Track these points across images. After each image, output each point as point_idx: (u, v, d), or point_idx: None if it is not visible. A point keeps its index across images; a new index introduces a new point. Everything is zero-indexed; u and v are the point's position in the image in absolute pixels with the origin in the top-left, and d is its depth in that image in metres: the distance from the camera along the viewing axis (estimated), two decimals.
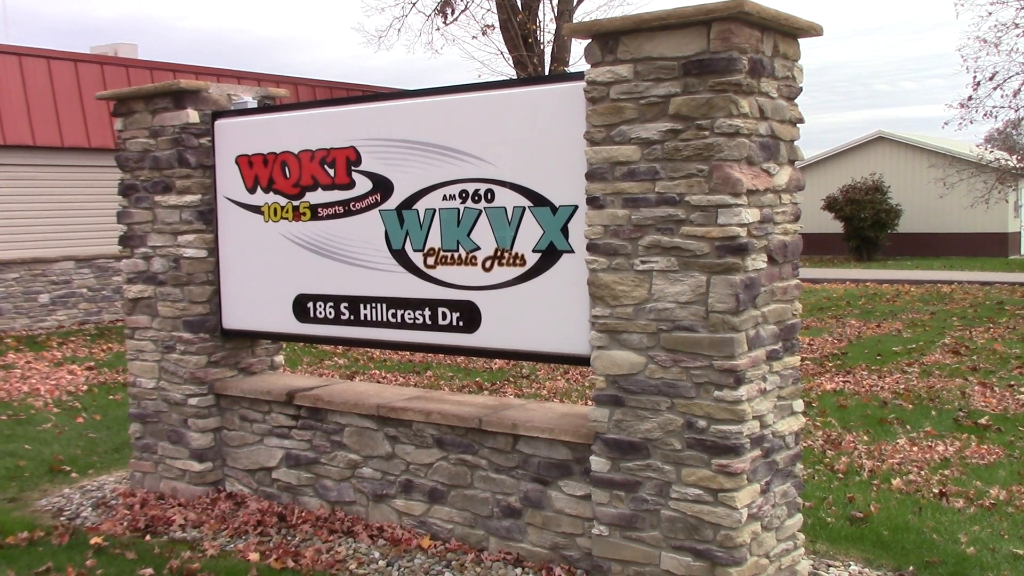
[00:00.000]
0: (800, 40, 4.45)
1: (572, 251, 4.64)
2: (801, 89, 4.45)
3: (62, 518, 6.03)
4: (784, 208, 4.34)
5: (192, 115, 6.01)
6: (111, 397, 10.11)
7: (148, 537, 5.55)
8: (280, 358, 6.60)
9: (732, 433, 4.09)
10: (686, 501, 4.23)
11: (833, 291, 20.36)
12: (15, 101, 15.99)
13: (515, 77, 19.26)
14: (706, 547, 4.19)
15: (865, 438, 7.67)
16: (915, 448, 7.31)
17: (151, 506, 6.06)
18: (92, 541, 5.42)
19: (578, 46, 21.17)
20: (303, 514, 5.70)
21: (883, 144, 34.86)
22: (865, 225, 31.04)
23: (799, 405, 4.57)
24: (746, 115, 4.04)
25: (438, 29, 22.90)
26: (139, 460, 6.48)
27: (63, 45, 28.06)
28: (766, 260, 4.21)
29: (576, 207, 4.59)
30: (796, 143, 4.47)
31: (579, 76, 4.52)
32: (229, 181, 6.03)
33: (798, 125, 4.47)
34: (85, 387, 10.72)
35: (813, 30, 4.40)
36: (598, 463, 4.48)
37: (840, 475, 6.63)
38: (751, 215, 4.06)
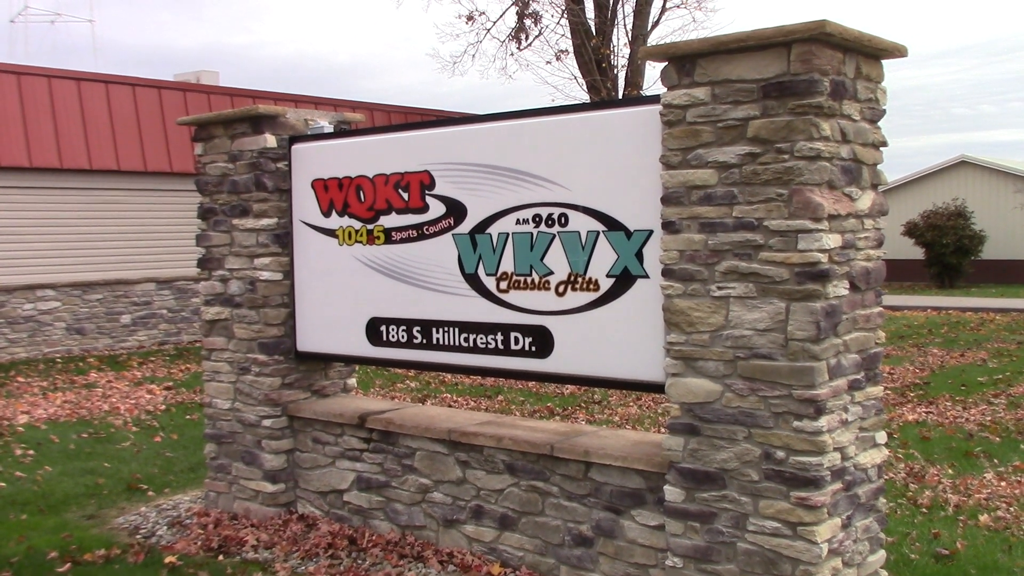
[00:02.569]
0: (884, 61, 4.34)
1: (647, 276, 4.57)
2: (884, 111, 4.34)
3: (138, 536, 6.11)
4: (867, 233, 4.22)
5: (270, 140, 6.10)
6: (188, 417, 10.27)
7: (221, 557, 5.59)
8: (353, 381, 6.63)
9: (812, 465, 3.96)
10: (764, 534, 4.11)
11: (914, 319, 19.85)
12: (102, 127, 16.48)
13: (592, 101, 19.26)
14: None
15: (950, 471, 7.41)
16: (1003, 483, 7.04)
17: (224, 526, 6.11)
18: (167, 560, 5.48)
19: (652, 70, 21.13)
20: (373, 538, 5.69)
21: (966, 168, 34.01)
22: (947, 251, 30.25)
23: (882, 437, 4.42)
24: (827, 138, 3.94)
25: (512, 55, 23.07)
26: (214, 480, 6.55)
27: (148, 73, 28.88)
28: (848, 287, 4.09)
29: (651, 232, 4.53)
30: (879, 167, 4.35)
31: (654, 99, 4.47)
32: (305, 205, 6.09)
33: (881, 148, 4.35)
34: (163, 407, 10.93)
35: (897, 51, 4.28)
36: (672, 493, 4.39)
37: (924, 510, 6.41)
38: (832, 240, 3.95)
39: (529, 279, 5.03)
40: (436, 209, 5.41)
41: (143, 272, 17.07)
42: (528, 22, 21.75)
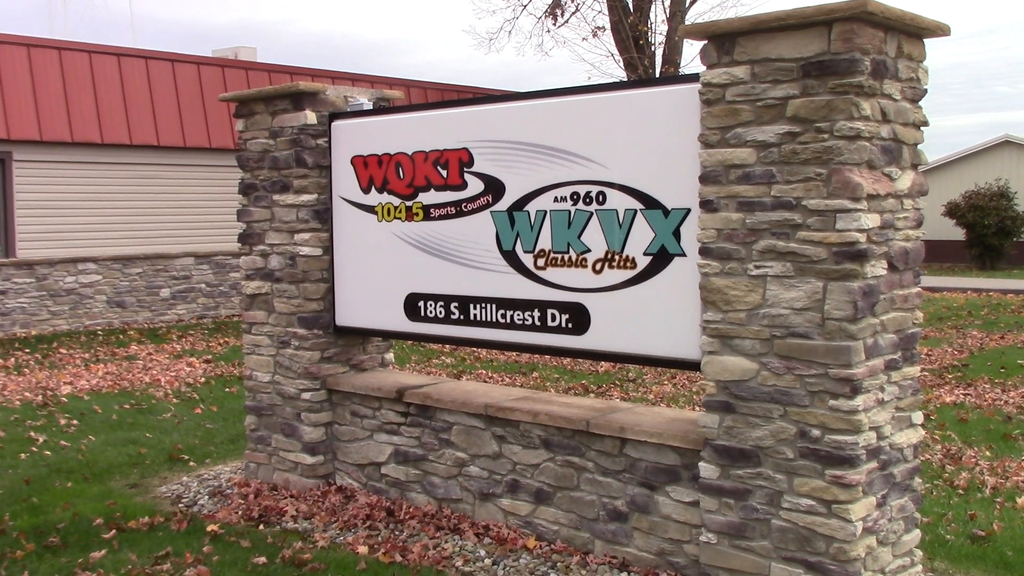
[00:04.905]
0: (926, 40, 4.31)
1: (684, 255, 4.59)
2: (926, 91, 4.31)
3: (180, 505, 6.25)
4: (906, 213, 4.21)
5: (310, 116, 6.16)
6: (227, 389, 10.43)
7: (261, 526, 5.71)
8: (391, 355, 6.71)
9: (847, 444, 3.98)
10: (798, 512, 4.14)
11: (953, 300, 19.65)
12: (142, 103, 16.66)
13: (631, 79, 19.16)
14: (818, 559, 4.09)
15: (987, 453, 7.38)
16: None
17: (264, 496, 6.23)
18: (209, 528, 5.60)
19: (690, 48, 20.96)
20: (411, 510, 5.78)
21: (1009, 148, 33.46)
22: (989, 232, 29.83)
23: (918, 417, 4.42)
24: (867, 118, 3.93)
25: (548, 31, 23.00)
26: (254, 451, 6.67)
27: (184, 48, 29.14)
28: (886, 267, 4.09)
29: (689, 210, 4.54)
30: (920, 147, 4.33)
31: (693, 78, 4.47)
32: (344, 181, 6.16)
33: (922, 128, 4.33)
34: (203, 379, 11.10)
35: (940, 30, 4.25)
36: (707, 470, 4.42)
37: (960, 491, 6.39)
38: (871, 220, 3.95)
39: (566, 256, 5.07)
40: (475, 186, 5.45)
41: (182, 246, 17.29)
42: None
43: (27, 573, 4.99)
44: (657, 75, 19.59)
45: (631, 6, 20.53)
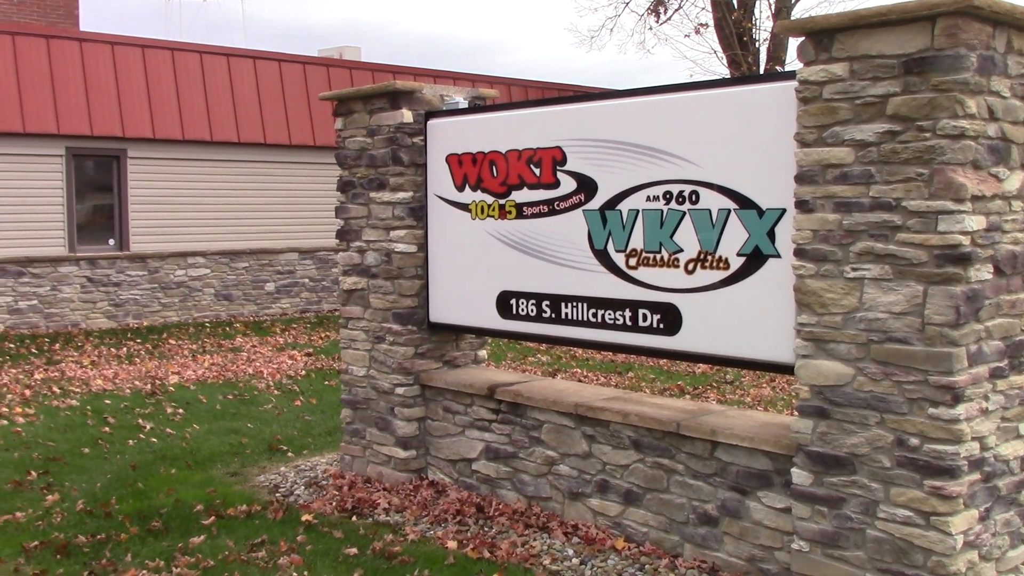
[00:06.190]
0: None
1: (778, 256, 4.50)
2: None
3: (277, 494, 6.41)
4: (1015, 215, 4.04)
5: (406, 115, 6.24)
6: (326, 383, 10.65)
7: (354, 518, 5.81)
8: (484, 352, 6.75)
9: (948, 454, 3.85)
10: (894, 522, 4.02)
11: None
12: (249, 101, 17.12)
13: (725, 77, 18.87)
14: (915, 573, 3.97)
15: None
16: None
17: (358, 488, 6.34)
18: (303, 518, 5.72)
19: (795, 44, 20.51)
20: (500, 506, 5.81)
21: None
22: None
23: None
24: (973, 116, 3.78)
25: (650, 28, 22.83)
26: (349, 444, 6.80)
27: (290, 48, 29.84)
28: (992, 271, 3.93)
29: (784, 210, 4.45)
30: None
31: (790, 76, 4.38)
32: (439, 179, 6.22)
33: None
34: (303, 372, 11.35)
35: None
36: (800, 476, 4.33)
37: None
38: (975, 222, 3.81)
39: (658, 256, 5.02)
40: (567, 185, 5.44)
41: (287, 242, 17.71)
42: None
43: (130, 555, 5.18)
44: (761, 72, 19.24)
45: (735, 2, 20.20)
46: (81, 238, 15.53)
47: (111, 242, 15.89)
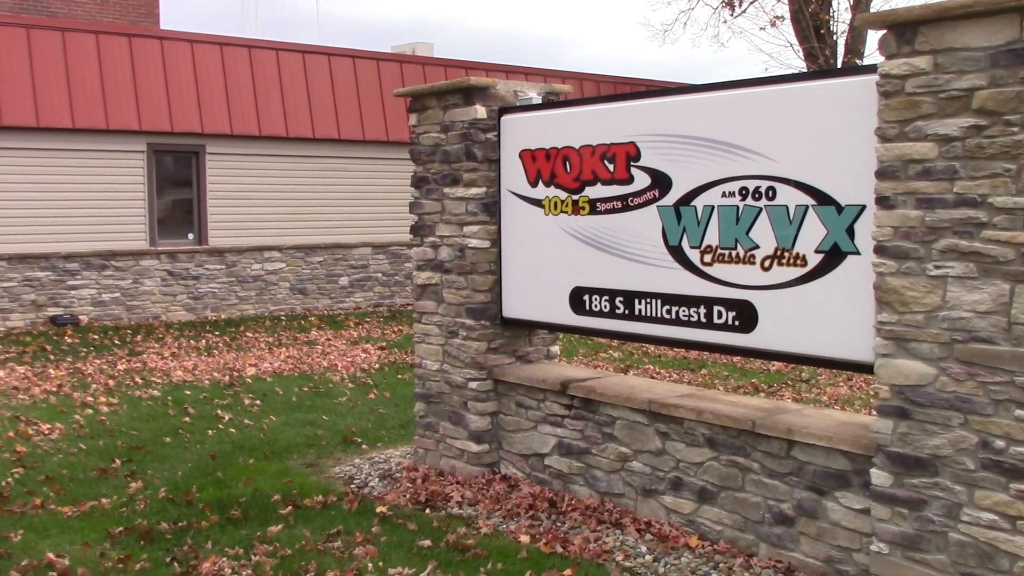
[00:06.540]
0: None
1: (858, 252, 4.42)
2: None
3: (352, 485, 6.50)
4: None
5: (480, 111, 6.27)
6: (399, 376, 10.76)
7: (428, 510, 5.87)
8: (556, 348, 6.76)
9: None
10: (978, 526, 3.93)
11: None
12: (324, 97, 17.36)
13: (802, 71, 18.58)
14: None
15: None
16: None
17: (431, 481, 6.40)
18: (378, 510, 5.80)
19: (875, 37, 20.07)
20: (572, 502, 5.82)
21: None
22: None
23: None
24: None
25: (725, 22, 22.57)
26: (422, 437, 6.87)
27: (366, 45, 30.15)
28: None
29: (863, 207, 4.37)
30: None
31: (869, 69, 4.30)
32: (512, 174, 6.24)
33: None
34: (377, 365, 11.49)
35: None
36: (879, 477, 4.26)
37: None
38: None
39: (734, 252, 4.97)
40: (641, 180, 5.41)
41: (360, 237, 17.92)
42: None
43: (211, 542, 5.31)
44: (839, 65, 18.89)
45: None
46: (161, 232, 15.92)
47: (190, 236, 16.26)
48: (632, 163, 5.45)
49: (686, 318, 5.24)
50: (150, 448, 7.50)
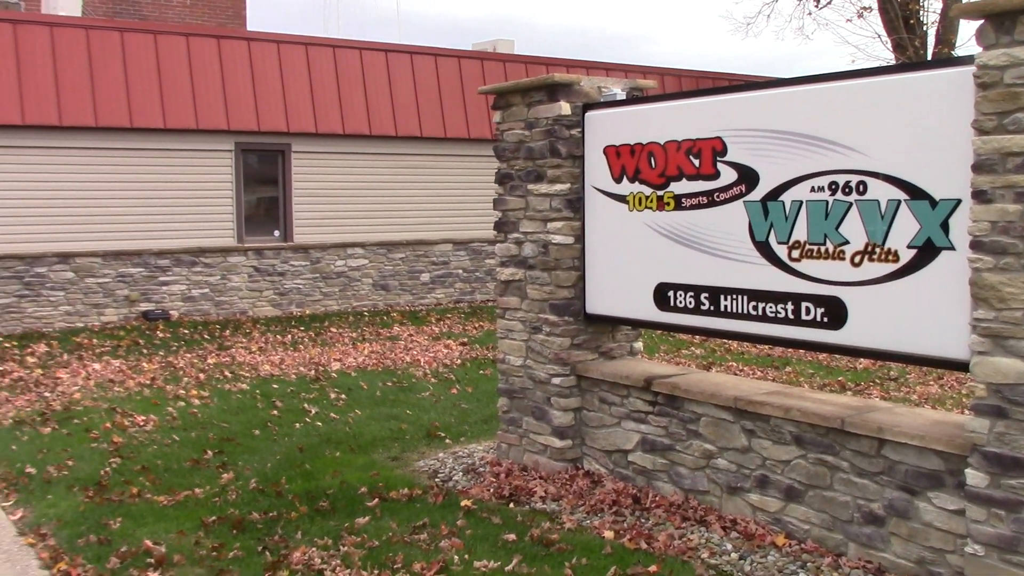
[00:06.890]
0: None
1: (952, 248, 4.32)
2: None
3: (437, 479, 6.58)
4: None
5: (564, 107, 6.28)
6: (481, 372, 10.83)
7: (511, 505, 5.91)
8: (639, 344, 6.74)
9: None
10: None
11: None
12: (406, 95, 17.53)
13: (892, 62, 18.16)
14: None
15: None
16: None
17: (515, 476, 6.44)
18: (462, 503, 5.86)
19: (966, 27, 19.53)
20: (657, 498, 5.80)
21: None
22: None
23: None
24: None
25: (809, 13, 22.19)
26: (505, 432, 6.91)
27: (447, 43, 30.31)
28: None
29: (959, 201, 4.27)
30: None
31: (964, 60, 4.20)
32: (596, 171, 6.24)
33: None
34: (459, 361, 11.58)
35: None
36: (974, 477, 4.16)
37: None
38: None
39: (822, 248, 4.90)
40: (727, 176, 5.37)
41: (441, 233, 18.06)
42: None
43: (300, 533, 5.43)
44: (929, 57, 18.42)
45: None
46: (248, 229, 16.27)
47: (276, 233, 16.58)
48: (718, 158, 5.41)
49: (772, 314, 5.18)
50: (240, 440, 7.68)
